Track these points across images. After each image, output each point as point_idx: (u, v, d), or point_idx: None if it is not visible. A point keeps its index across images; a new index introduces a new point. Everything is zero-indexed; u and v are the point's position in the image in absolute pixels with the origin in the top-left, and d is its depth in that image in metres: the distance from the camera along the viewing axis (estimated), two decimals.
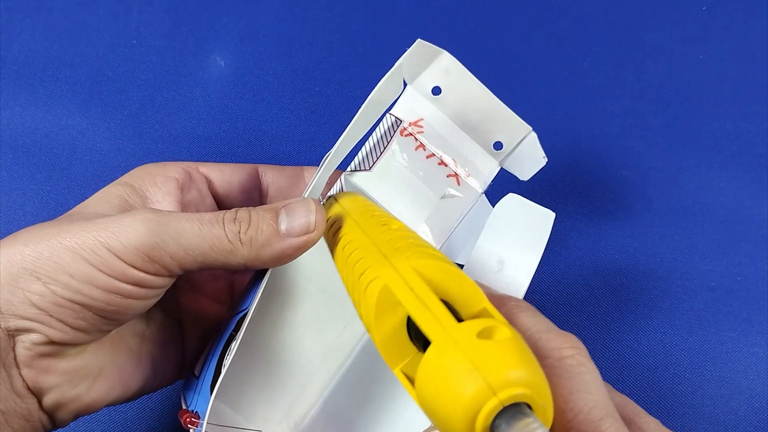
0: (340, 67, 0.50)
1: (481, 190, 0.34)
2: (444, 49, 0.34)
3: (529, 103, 0.49)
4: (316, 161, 0.46)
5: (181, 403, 0.32)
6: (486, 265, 0.34)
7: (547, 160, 0.34)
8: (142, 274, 0.26)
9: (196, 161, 0.34)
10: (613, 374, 0.41)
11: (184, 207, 0.32)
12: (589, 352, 0.38)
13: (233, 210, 0.28)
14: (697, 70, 0.51)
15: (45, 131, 0.46)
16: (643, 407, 0.39)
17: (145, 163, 0.45)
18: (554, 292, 0.43)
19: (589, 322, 0.42)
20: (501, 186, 0.35)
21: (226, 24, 0.51)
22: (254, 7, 0.52)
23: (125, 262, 0.26)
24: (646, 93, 0.50)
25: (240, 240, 0.27)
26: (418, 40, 0.32)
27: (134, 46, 0.50)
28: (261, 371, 0.35)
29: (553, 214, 0.34)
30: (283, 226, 0.28)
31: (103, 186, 0.44)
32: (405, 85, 0.34)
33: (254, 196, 0.35)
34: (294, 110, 0.48)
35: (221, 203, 0.34)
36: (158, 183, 0.31)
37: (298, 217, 0.28)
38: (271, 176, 0.36)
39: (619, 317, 0.42)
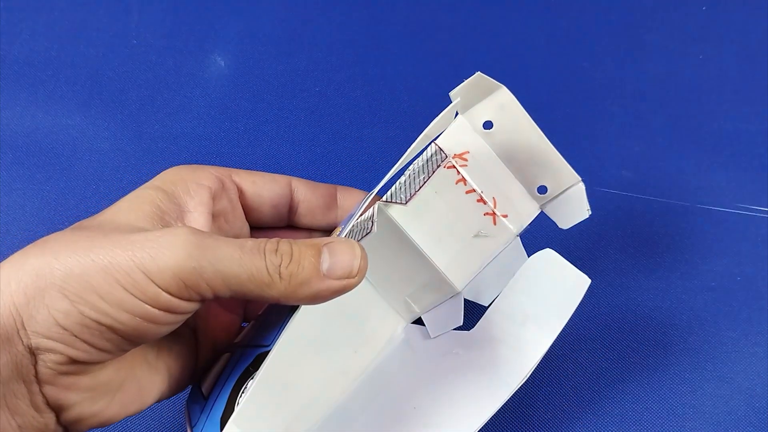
0: (340, 67, 0.50)
1: (516, 233, 0.33)
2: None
3: (529, 103, 0.49)
4: (315, 161, 0.47)
5: (184, 414, 0.31)
6: (510, 315, 0.34)
7: (590, 213, 0.33)
8: (174, 300, 0.25)
9: (229, 167, 0.33)
10: (612, 372, 0.40)
11: (215, 217, 0.31)
12: (586, 351, 0.38)
13: (274, 240, 0.27)
14: (697, 70, 0.51)
15: (45, 131, 0.46)
16: (642, 407, 0.39)
17: (144, 163, 0.45)
18: None
19: (588, 322, 0.42)
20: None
21: (226, 24, 0.51)
22: (254, 7, 0.52)
23: (159, 287, 0.25)
24: (646, 93, 0.50)
25: (279, 274, 0.26)
26: (478, 72, 0.31)
27: (134, 46, 0.50)
28: (263, 386, 0.34)
29: (588, 281, 0.33)
30: (324, 266, 0.27)
31: (103, 186, 0.45)
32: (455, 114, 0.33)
33: (283, 211, 0.34)
34: (294, 110, 0.48)
35: (249, 215, 0.33)
36: (191, 190, 0.30)
37: (341, 260, 0.27)
38: (303, 193, 0.34)
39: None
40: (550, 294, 0.33)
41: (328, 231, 0.35)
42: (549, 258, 0.33)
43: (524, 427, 0.38)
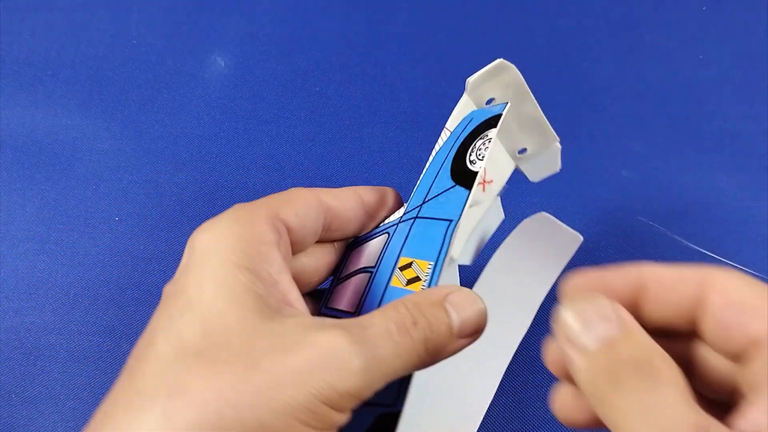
0: (340, 67, 0.50)
1: (497, 193, 0.34)
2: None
3: None
4: (316, 161, 0.47)
5: None
6: (507, 272, 0.34)
7: (560, 168, 0.34)
8: (344, 417, 0.23)
9: (266, 202, 0.29)
10: None
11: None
12: None
13: (402, 310, 0.25)
14: (697, 70, 0.51)
15: (45, 131, 0.46)
16: None
17: (144, 163, 0.45)
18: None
19: None
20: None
21: (226, 24, 0.51)
22: (254, 7, 0.52)
23: (337, 411, 0.23)
24: (646, 93, 0.50)
25: (426, 349, 0.24)
26: (500, 59, 0.32)
27: (134, 46, 0.50)
28: None
29: (581, 238, 0.34)
30: (455, 328, 0.25)
31: (103, 186, 0.45)
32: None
33: (318, 235, 0.31)
34: (294, 110, 0.48)
35: (292, 249, 0.30)
36: (265, 256, 0.27)
37: (469, 318, 0.25)
38: (335, 209, 0.31)
39: None
40: (544, 250, 0.34)
41: (355, 236, 0.34)
42: (543, 219, 0.34)
43: (524, 427, 0.38)
